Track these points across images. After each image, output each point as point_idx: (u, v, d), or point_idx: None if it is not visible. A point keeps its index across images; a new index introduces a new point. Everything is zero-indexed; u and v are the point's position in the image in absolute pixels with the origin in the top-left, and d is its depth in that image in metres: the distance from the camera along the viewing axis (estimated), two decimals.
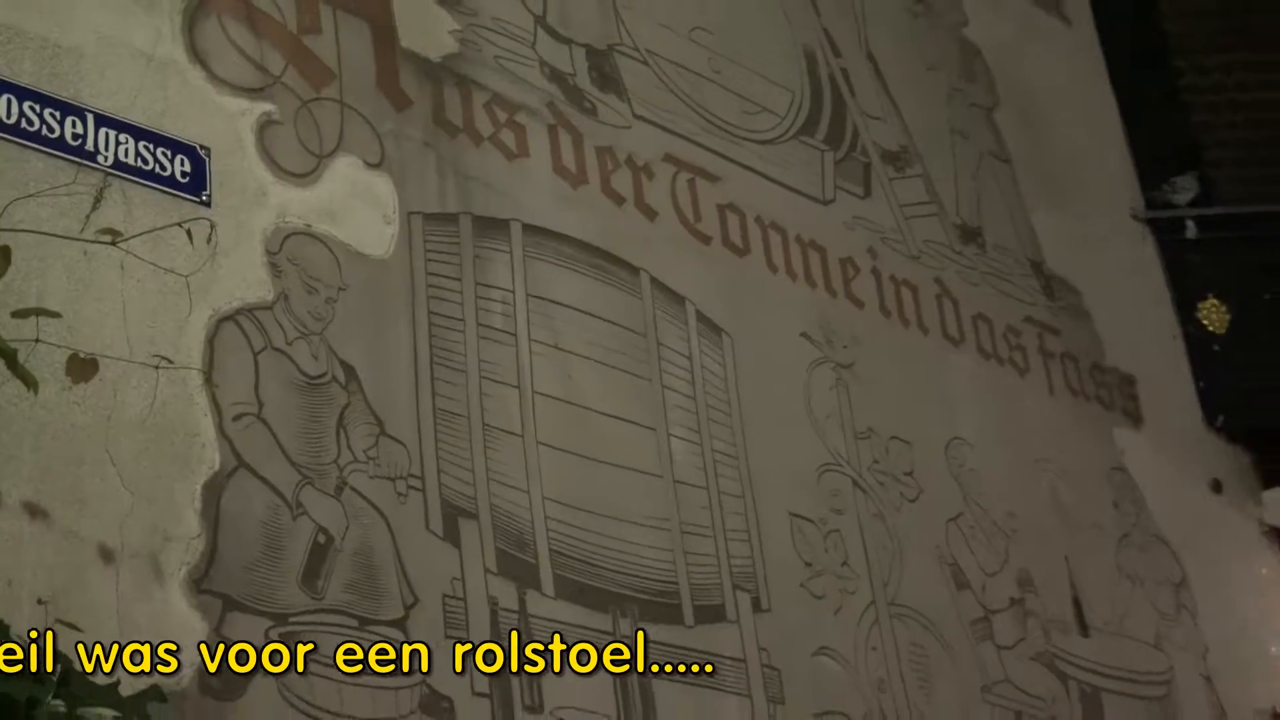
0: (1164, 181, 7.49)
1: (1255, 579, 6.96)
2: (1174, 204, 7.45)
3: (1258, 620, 6.82)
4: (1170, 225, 7.43)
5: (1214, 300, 7.33)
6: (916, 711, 4.96)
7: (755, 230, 5.37)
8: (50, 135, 3.51)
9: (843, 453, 5.25)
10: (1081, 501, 6.19)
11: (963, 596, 5.41)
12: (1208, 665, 6.36)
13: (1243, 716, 6.37)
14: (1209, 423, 7.13)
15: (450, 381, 4.18)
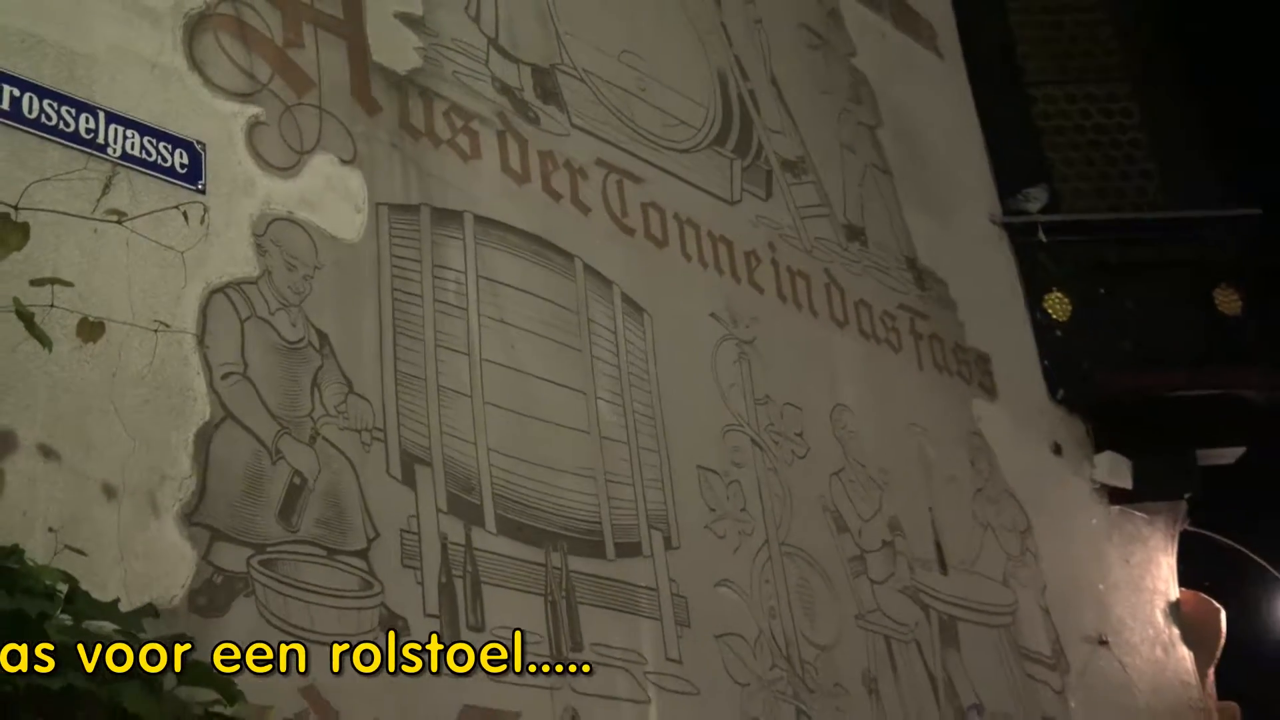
0: (1018, 192, 7.55)
1: (1087, 528, 7.05)
2: (1026, 211, 7.51)
3: (1088, 562, 6.92)
4: (1023, 229, 7.48)
5: (1058, 293, 7.40)
6: (801, 634, 4.99)
7: (673, 225, 5.37)
8: (66, 129, 3.48)
9: (743, 415, 5.26)
10: (943, 460, 6.23)
11: (842, 539, 5.44)
12: (1046, 599, 6.44)
13: (1073, 642, 6.45)
14: (1051, 396, 7.20)
15: (410, 348, 4.17)
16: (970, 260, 7.07)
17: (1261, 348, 7.54)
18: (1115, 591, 6.97)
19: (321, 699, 3.44)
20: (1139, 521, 7.35)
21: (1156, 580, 7.29)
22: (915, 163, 6.98)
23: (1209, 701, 7.23)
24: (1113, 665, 6.65)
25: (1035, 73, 8.03)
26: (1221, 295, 7.55)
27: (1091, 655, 6.55)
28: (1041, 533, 6.61)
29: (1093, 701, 6.35)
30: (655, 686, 4.34)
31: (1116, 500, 7.24)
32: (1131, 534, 7.29)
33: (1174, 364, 7.37)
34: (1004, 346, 7.01)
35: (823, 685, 4.97)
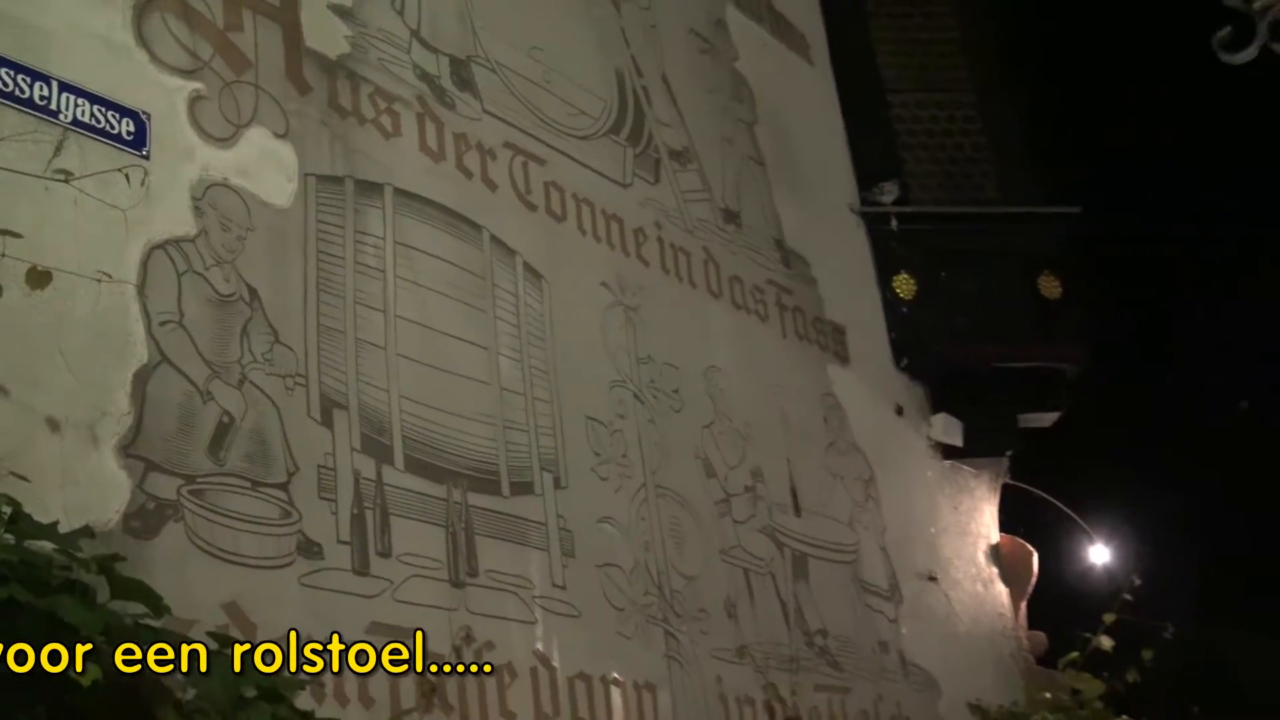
0: (874, 185, 7.60)
1: (923, 479, 7.16)
2: (880, 202, 7.56)
3: (922, 509, 7.03)
4: (877, 218, 7.54)
5: (905, 275, 7.47)
6: (671, 566, 5.03)
7: (571, 203, 5.35)
8: (21, 95, 3.40)
9: (628, 373, 5.27)
10: (801, 417, 6.29)
11: (710, 483, 5.48)
12: (885, 540, 6.53)
13: (907, 578, 6.55)
14: (896, 364, 7.28)
15: (331, 304, 4.12)
16: (831, 243, 7.12)
17: (1076, 328, 7.71)
18: (944, 535, 7.09)
19: (242, 613, 3.41)
20: (967, 474, 7.48)
21: (980, 525, 7.43)
22: (786, 156, 7.00)
23: (1020, 631, 7.39)
24: (939, 598, 6.77)
25: (893, 81, 8.07)
26: (1044, 281, 7.68)
27: (922, 589, 6.67)
28: (883, 482, 6.70)
29: (921, 629, 6.47)
30: (541, 609, 4.36)
31: (948, 456, 7.35)
32: (960, 485, 7.41)
33: (1002, 339, 7.50)
34: (857, 320, 7.07)
35: (688, 610, 5.01)
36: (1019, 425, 7.70)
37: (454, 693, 3.93)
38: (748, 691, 5.12)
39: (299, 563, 3.66)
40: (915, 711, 6.13)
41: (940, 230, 7.64)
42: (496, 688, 4.07)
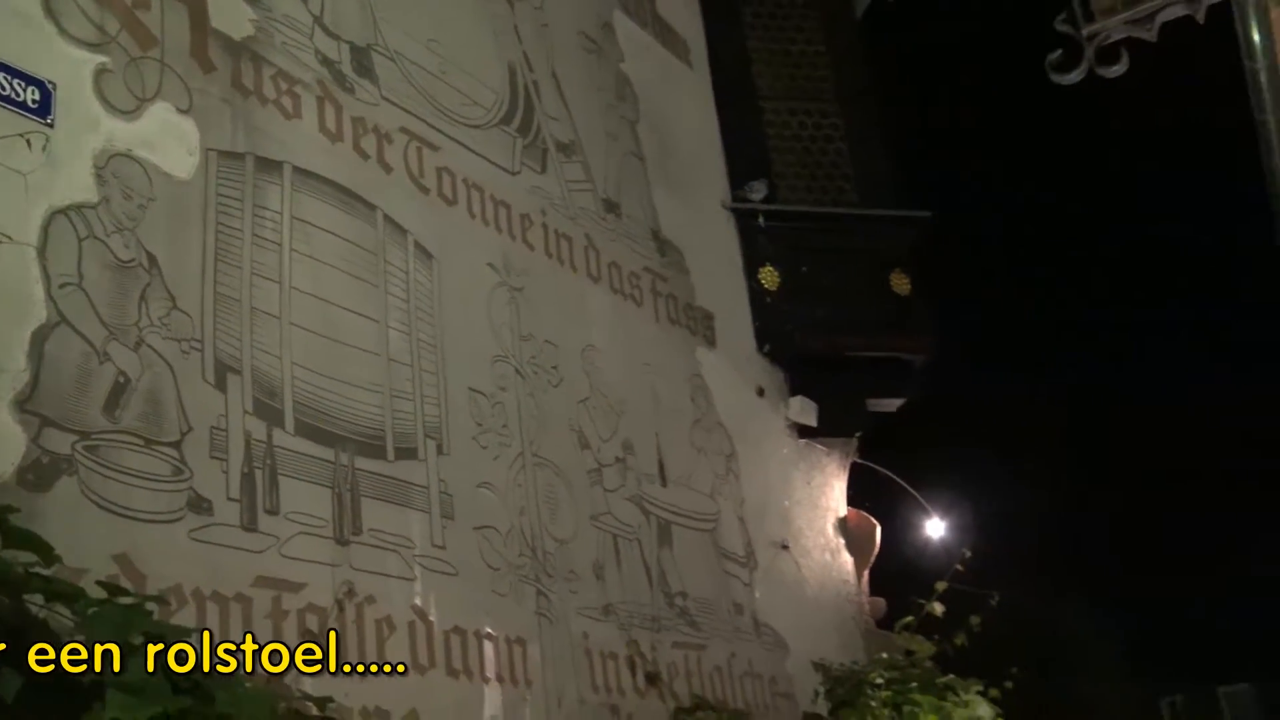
0: (745, 184, 7.65)
1: (779, 456, 7.24)
2: (750, 200, 7.62)
3: (778, 483, 7.11)
4: (747, 214, 7.59)
5: (770, 268, 7.54)
6: (545, 530, 5.03)
7: (462, 188, 5.30)
8: None
9: (510, 349, 5.25)
10: (670, 395, 6.32)
11: (584, 454, 5.48)
12: (743, 510, 6.60)
13: (762, 546, 6.63)
14: (759, 349, 7.35)
15: (228, 274, 4.03)
16: (703, 236, 7.15)
17: (923, 322, 7.86)
18: (797, 507, 7.19)
19: (132, 565, 3.33)
20: (820, 452, 7.59)
21: (830, 500, 7.55)
22: (664, 153, 7.02)
23: (862, 596, 7.53)
24: (790, 565, 6.87)
25: (766, 89, 8.13)
26: (895, 278, 7.82)
27: (775, 556, 6.75)
28: (743, 458, 6.77)
29: (773, 593, 6.55)
30: (421, 567, 4.33)
31: (803, 435, 7.44)
32: (813, 462, 7.51)
33: (855, 330, 7.61)
34: (725, 307, 7.12)
35: (559, 571, 5.01)
36: (868, 409, 7.83)
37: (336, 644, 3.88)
38: (612, 647, 5.14)
39: (189, 518, 3.58)
40: (765, 668, 6.21)
41: (803, 228, 7.72)
42: (376, 639, 4.03)
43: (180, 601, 3.43)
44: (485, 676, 4.42)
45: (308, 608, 3.82)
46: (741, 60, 8.03)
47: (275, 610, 3.72)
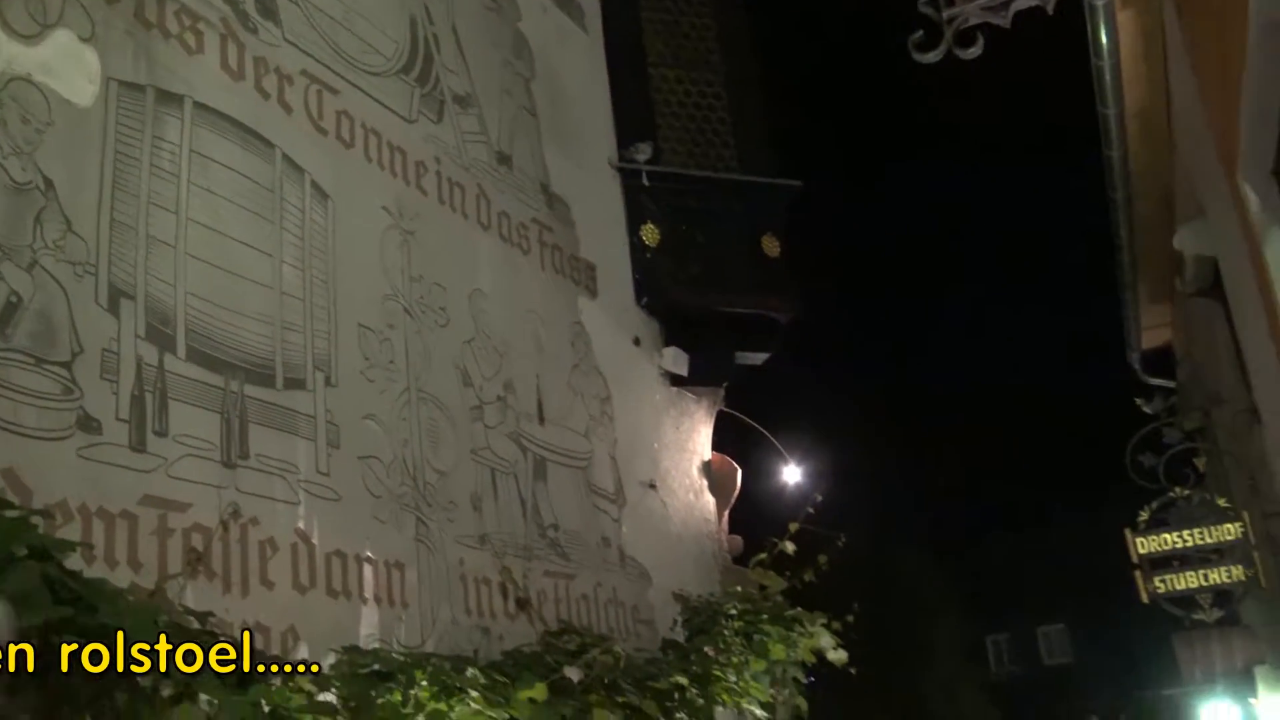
0: (631, 145, 7.62)
1: (651, 402, 7.28)
2: (635, 161, 7.59)
3: (649, 426, 7.14)
4: (632, 174, 7.57)
5: (651, 225, 7.54)
6: (426, 462, 4.98)
7: (360, 132, 5.18)
8: None
9: (400, 289, 5.16)
10: (552, 340, 6.30)
11: (467, 392, 5.43)
12: (616, 451, 6.62)
13: (631, 484, 6.67)
14: (637, 301, 7.35)
15: (125, 202, 3.88)
16: (590, 192, 7.11)
17: (789, 283, 7.94)
18: (665, 450, 7.24)
19: (19, 479, 3.21)
20: (689, 400, 7.64)
21: (696, 444, 7.62)
22: (557, 112, 6.95)
23: (722, 534, 7.63)
24: (657, 503, 6.92)
25: (656, 56, 8.09)
26: (767, 241, 7.88)
27: (643, 495, 6.80)
28: (618, 402, 6.78)
29: (640, 528, 6.60)
30: (305, 492, 4.25)
31: (675, 383, 7.49)
32: (683, 409, 7.57)
33: (727, 288, 7.67)
34: (607, 260, 7.11)
35: (439, 501, 4.98)
36: (736, 361, 7.91)
37: (219, 562, 3.80)
38: (486, 574, 5.13)
39: (77, 436, 3.46)
40: (629, 598, 6.27)
41: (684, 189, 7.73)
42: (259, 559, 3.95)
43: (66, 517, 3.33)
44: (364, 597, 4.38)
45: (193, 527, 3.74)
46: (634, 28, 7.96)
47: (161, 528, 3.63)
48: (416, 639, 4.57)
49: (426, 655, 4.20)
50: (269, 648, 3.79)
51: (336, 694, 3.62)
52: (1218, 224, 8.42)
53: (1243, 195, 7.11)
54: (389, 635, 4.41)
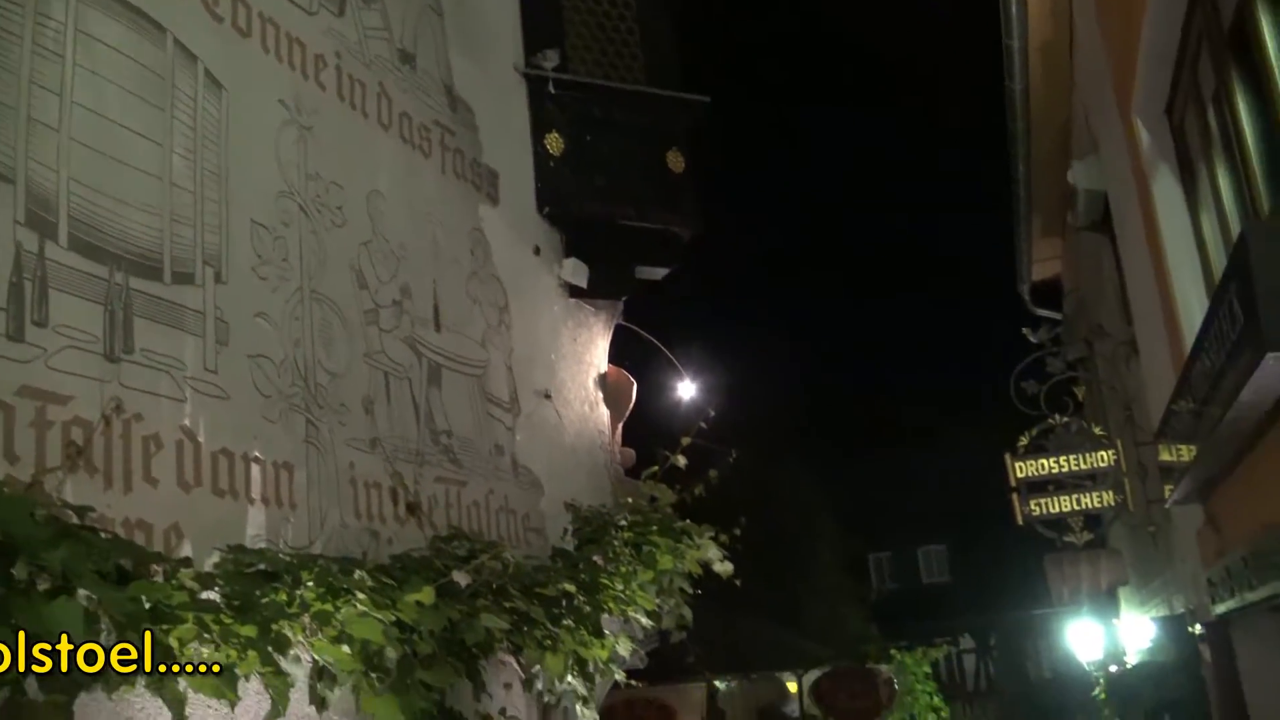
0: (539, 51, 7.50)
1: (550, 312, 7.26)
2: (542, 68, 7.48)
3: (546, 337, 7.14)
4: (538, 81, 7.45)
5: (556, 134, 7.46)
6: (318, 363, 4.90)
7: (257, 22, 5.00)
8: None
9: (295, 186, 5.03)
10: (450, 246, 6.22)
11: (362, 294, 5.35)
12: (512, 360, 6.61)
13: (526, 394, 6.67)
14: (539, 210, 7.30)
15: (5, 81, 3.69)
16: (495, 97, 7.00)
17: (692, 200, 7.94)
18: (562, 361, 7.24)
19: None
20: (587, 312, 7.64)
21: (593, 356, 7.63)
22: (464, 13, 6.79)
23: (615, 446, 7.70)
24: (551, 413, 6.94)
25: None
26: (671, 156, 7.86)
27: (538, 405, 6.81)
28: (516, 311, 6.75)
29: (534, 437, 6.62)
30: (192, 389, 4.16)
31: (574, 294, 7.48)
32: (581, 320, 7.57)
33: (629, 201, 7.65)
34: (509, 168, 7.02)
35: (330, 403, 4.92)
36: (635, 276, 7.92)
37: (100, 457, 3.72)
38: (376, 477, 5.11)
39: None
40: (520, 506, 6.30)
41: (591, 99, 7.65)
42: (142, 455, 3.88)
43: None
44: (251, 497, 4.32)
45: (74, 420, 3.64)
46: None
47: (39, 420, 3.53)
48: (304, 541, 4.54)
49: (314, 557, 4.19)
50: (151, 545, 3.74)
51: (220, 592, 3.60)
52: (1110, 160, 8.62)
53: (1135, 132, 7.28)
54: (276, 536, 4.38)
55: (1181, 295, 6.93)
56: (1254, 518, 5.76)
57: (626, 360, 7.94)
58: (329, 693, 4.11)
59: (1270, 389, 4.55)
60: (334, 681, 4.08)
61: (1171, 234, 6.98)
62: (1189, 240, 6.89)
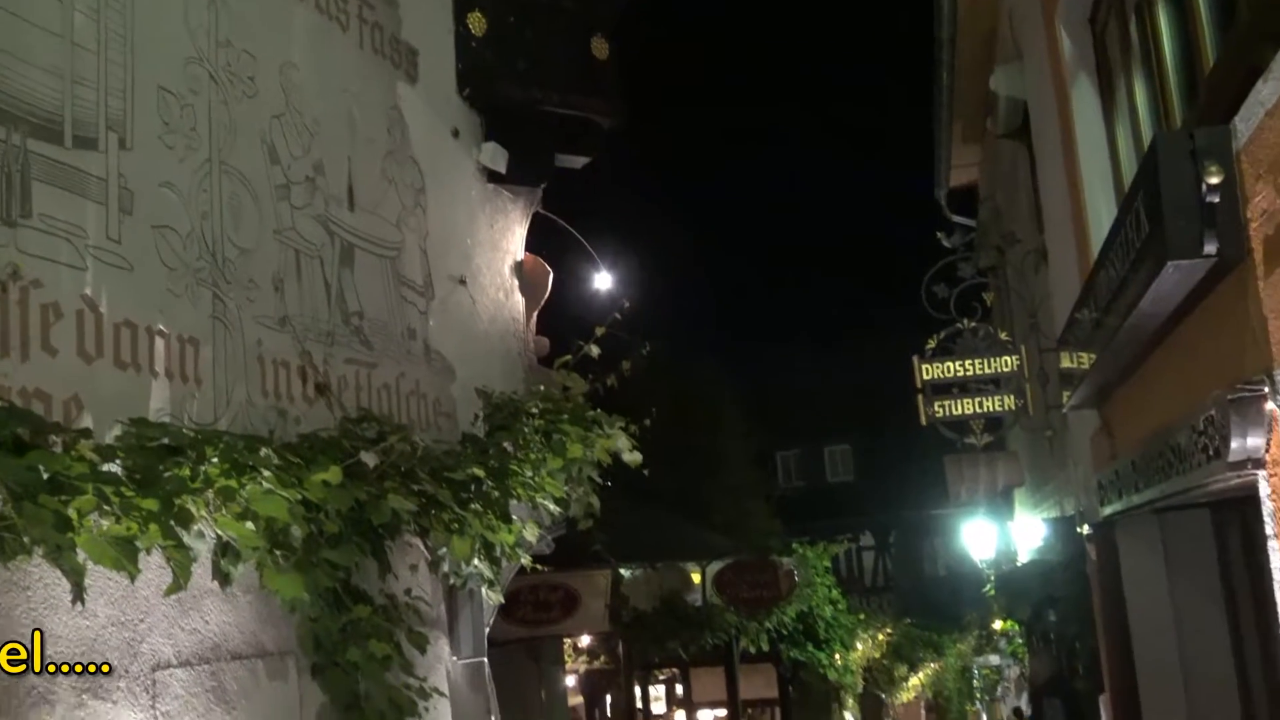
0: None
1: (467, 196, 7.16)
2: None
3: (462, 222, 7.04)
4: None
5: (479, 13, 7.26)
6: (227, 238, 4.79)
7: None
8: None
9: (205, 53, 4.85)
10: (366, 124, 6.07)
11: (273, 169, 5.21)
12: (427, 243, 6.52)
13: (440, 279, 6.59)
14: (459, 92, 7.15)
15: None
16: None
17: (615, 88, 7.84)
18: (478, 247, 7.17)
19: None
20: (506, 198, 7.55)
21: (510, 243, 7.56)
22: None
23: (528, 335, 7.67)
24: (466, 299, 6.88)
25: None
26: (596, 43, 7.72)
27: (452, 290, 6.74)
28: (432, 194, 6.65)
29: (447, 322, 6.57)
30: (94, 258, 4.04)
31: (492, 179, 7.37)
32: (499, 206, 7.48)
33: (552, 86, 7.51)
34: (430, 46, 6.84)
35: (238, 279, 4.82)
36: (555, 163, 7.82)
37: None
38: (284, 356, 5.04)
39: None
40: (431, 390, 6.28)
41: None
42: (41, 324, 3.77)
43: None
44: (154, 371, 4.24)
45: None
46: None
47: None
48: (209, 417, 4.47)
49: (219, 433, 4.14)
50: (50, 416, 3.66)
51: (122, 465, 3.55)
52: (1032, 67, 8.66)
53: (1058, 40, 7.31)
54: (180, 412, 4.31)
55: (1092, 205, 7.05)
56: (1144, 424, 5.96)
57: (543, 249, 7.88)
58: (232, 569, 4.11)
59: (1169, 298, 4.67)
60: (238, 558, 4.08)
61: (1087, 143, 7.08)
62: (1103, 151, 6.99)
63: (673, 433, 11.62)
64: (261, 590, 4.32)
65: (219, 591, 4.19)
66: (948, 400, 9.98)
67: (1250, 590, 6.00)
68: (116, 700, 3.68)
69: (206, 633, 4.17)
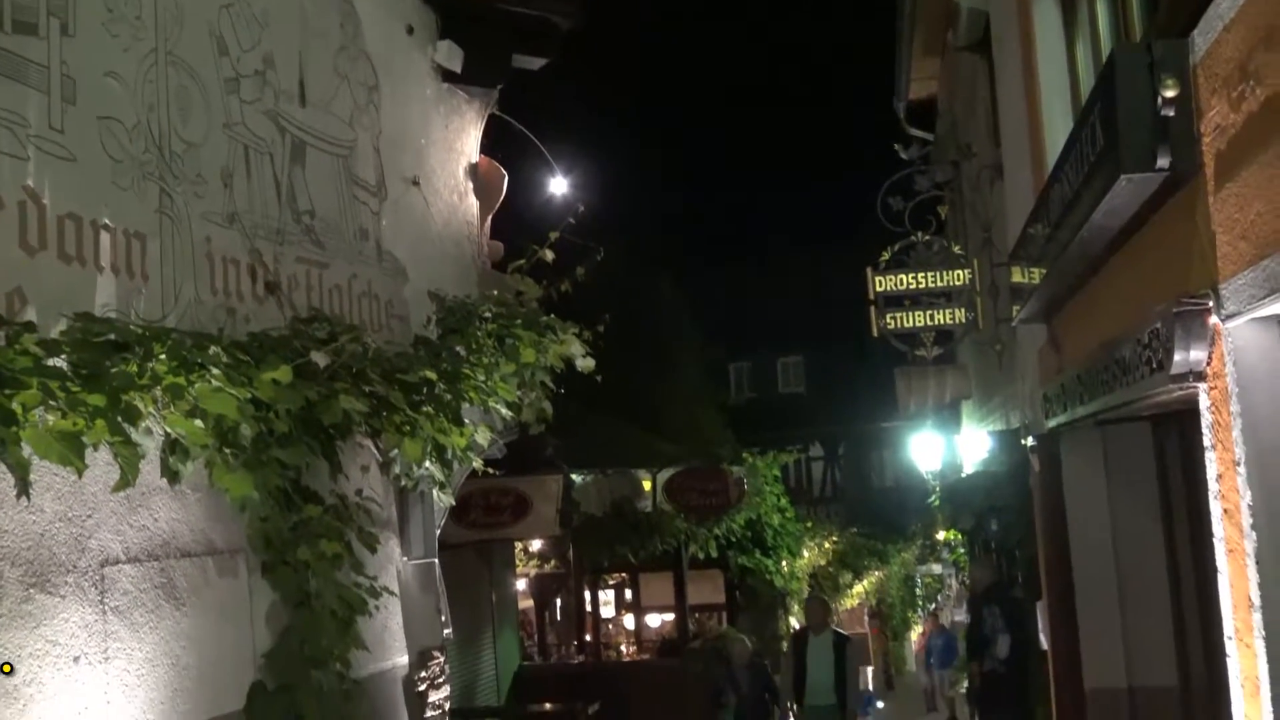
0: None
1: (421, 96, 7.04)
2: None
3: (416, 121, 6.93)
4: None
5: None
6: (174, 131, 4.68)
7: None
8: None
9: None
10: (318, 17, 5.92)
11: (222, 61, 5.08)
12: (379, 143, 6.41)
13: (394, 179, 6.47)
14: None
15: None
16: None
17: None
18: (432, 147, 7.06)
19: None
20: (461, 99, 7.43)
21: (465, 145, 7.46)
22: None
23: (483, 239, 7.62)
24: (419, 200, 6.80)
25: None
26: None
27: (405, 191, 6.65)
28: (386, 92, 6.52)
29: (400, 223, 6.50)
30: (36, 148, 3.93)
31: (447, 79, 7.24)
32: (454, 107, 7.36)
33: None
34: None
35: (186, 174, 4.72)
36: (512, 64, 7.69)
37: None
38: (234, 254, 4.96)
39: None
40: (383, 292, 6.22)
41: None
42: None
43: None
44: (100, 266, 4.16)
45: None
46: None
47: None
48: (157, 313, 4.41)
49: (167, 330, 4.08)
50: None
51: (67, 360, 3.50)
52: None
53: None
54: (126, 307, 4.24)
55: (1049, 120, 7.05)
56: (1091, 337, 6.04)
57: (499, 152, 7.79)
58: (181, 466, 4.08)
59: (1121, 211, 4.71)
60: (186, 455, 4.05)
61: (1046, 57, 7.06)
62: (1062, 65, 6.98)
63: (626, 341, 11.60)
64: (211, 488, 4.31)
65: (168, 489, 4.17)
66: (900, 312, 10.06)
67: (1186, 501, 6.15)
68: (65, 595, 3.68)
69: (155, 530, 4.16)
